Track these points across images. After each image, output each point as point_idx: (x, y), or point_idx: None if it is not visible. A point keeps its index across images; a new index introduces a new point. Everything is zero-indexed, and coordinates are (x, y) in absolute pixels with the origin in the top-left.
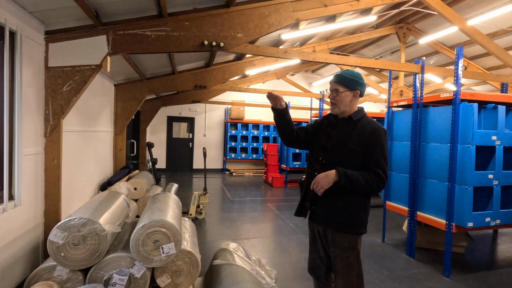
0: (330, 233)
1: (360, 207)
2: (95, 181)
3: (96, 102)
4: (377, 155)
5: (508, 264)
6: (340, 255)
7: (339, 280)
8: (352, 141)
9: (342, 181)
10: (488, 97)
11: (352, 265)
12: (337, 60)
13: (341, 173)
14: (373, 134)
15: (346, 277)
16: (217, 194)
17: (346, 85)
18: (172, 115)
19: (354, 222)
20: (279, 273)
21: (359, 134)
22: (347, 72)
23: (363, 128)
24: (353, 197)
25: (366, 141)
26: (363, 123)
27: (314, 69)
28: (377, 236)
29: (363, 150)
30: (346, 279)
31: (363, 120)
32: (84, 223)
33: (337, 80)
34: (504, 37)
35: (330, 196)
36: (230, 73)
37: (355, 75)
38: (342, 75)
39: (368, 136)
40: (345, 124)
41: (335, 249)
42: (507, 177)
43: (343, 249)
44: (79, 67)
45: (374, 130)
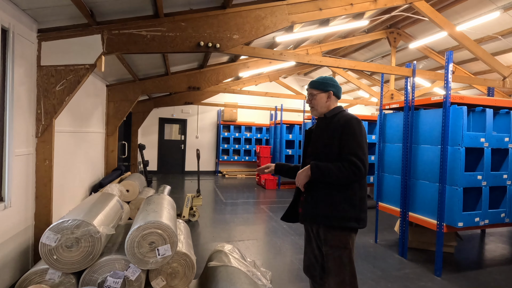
0: (322, 231)
1: (345, 199)
2: (86, 182)
3: (88, 103)
4: (349, 143)
5: (495, 263)
6: (332, 254)
7: (331, 278)
8: (326, 135)
9: (314, 173)
10: (477, 100)
11: (344, 263)
12: (331, 63)
13: (313, 166)
14: (345, 124)
15: (339, 275)
16: (209, 196)
17: (319, 88)
18: (164, 117)
19: (340, 215)
20: (274, 274)
21: (332, 128)
22: (319, 78)
23: (336, 122)
24: (335, 190)
25: (339, 132)
26: (337, 118)
27: (306, 72)
28: (369, 236)
29: (337, 142)
30: (339, 277)
31: (338, 115)
32: (78, 225)
33: (311, 85)
34: (490, 43)
35: (313, 192)
36: (224, 74)
37: (326, 78)
38: (314, 80)
39: (341, 127)
40: (321, 123)
41: (327, 248)
42: (494, 178)
43: (335, 247)
44: (72, 66)
45: (346, 121)
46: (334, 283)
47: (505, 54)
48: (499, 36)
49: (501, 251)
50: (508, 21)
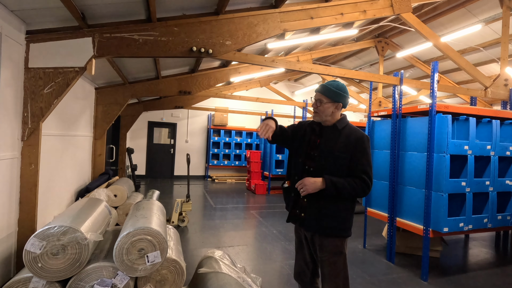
0: (318, 238)
1: (347, 210)
2: (72, 187)
3: (76, 105)
4: (362, 162)
5: (479, 267)
6: (328, 260)
7: (326, 284)
8: (338, 149)
9: (329, 189)
10: (461, 109)
11: (340, 269)
12: (321, 70)
13: (328, 181)
14: (358, 142)
15: (334, 281)
16: (199, 201)
17: (330, 97)
18: (153, 120)
19: (342, 226)
20: (264, 280)
21: (344, 141)
22: (333, 84)
23: (348, 136)
24: (341, 202)
25: (351, 148)
26: (347, 131)
27: (296, 78)
28: (358, 242)
29: (349, 157)
30: (334, 283)
31: (347, 128)
32: (65, 232)
33: (322, 91)
34: (472, 54)
35: (320, 204)
36: (216, 79)
37: (340, 87)
38: (328, 87)
39: (354, 143)
40: (330, 133)
41: (323, 254)
42: (478, 185)
43: (331, 253)
44: (61, 69)
45: (358, 138)
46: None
47: (486, 65)
48: (481, 47)
49: (484, 256)
50: (489, 33)
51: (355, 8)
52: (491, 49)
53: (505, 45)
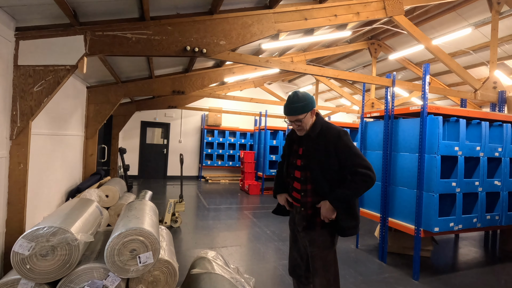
0: (308, 233)
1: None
2: (63, 188)
3: (67, 104)
4: (350, 157)
5: (468, 266)
6: (318, 255)
7: (317, 279)
8: (319, 153)
9: (336, 206)
10: (451, 111)
11: (330, 263)
12: (315, 71)
13: (332, 201)
14: (337, 141)
15: (324, 275)
16: (192, 201)
17: (303, 111)
18: (146, 120)
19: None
20: (257, 280)
21: (323, 144)
22: (298, 100)
23: (324, 138)
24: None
25: (333, 148)
26: (322, 134)
27: (290, 79)
28: (351, 242)
29: (334, 156)
30: (324, 277)
31: (321, 131)
32: (54, 232)
33: (294, 112)
34: (463, 57)
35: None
36: (209, 79)
37: (305, 98)
38: (296, 106)
39: (333, 143)
40: (309, 141)
41: (314, 249)
42: (467, 185)
43: (322, 248)
44: (52, 67)
45: (335, 137)
46: (320, 284)
47: (476, 68)
48: (471, 51)
49: (474, 255)
50: (478, 37)
51: (349, 10)
52: (481, 52)
53: (494, 48)
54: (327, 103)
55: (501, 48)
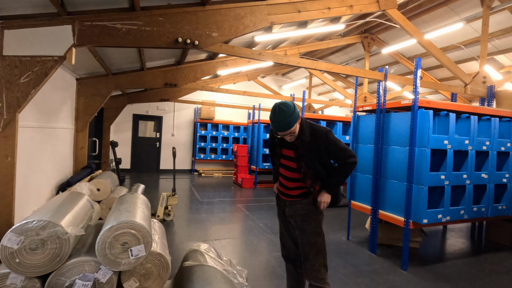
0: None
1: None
2: (53, 181)
3: (56, 96)
4: (339, 152)
5: (455, 256)
6: (309, 241)
7: (308, 263)
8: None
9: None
10: (442, 105)
11: (319, 248)
12: (308, 64)
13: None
14: (325, 143)
15: (315, 259)
16: (185, 195)
17: (295, 123)
18: (138, 113)
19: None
20: (250, 272)
21: (316, 148)
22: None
23: (315, 141)
24: None
25: (324, 148)
26: (313, 137)
27: (284, 73)
28: (342, 234)
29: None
30: (315, 261)
31: (311, 133)
32: (44, 226)
33: (287, 129)
34: (454, 51)
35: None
36: (202, 72)
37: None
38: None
39: (324, 145)
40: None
41: (304, 237)
42: (456, 178)
43: (312, 235)
44: (39, 57)
45: (324, 139)
46: (311, 267)
47: (467, 63)
48: (462, 45)
49: (460, 246)
50: (470, 32)
51: (342, 3)
52: (472, 47)
53: (485, 43)
54: (321, 97)
55: (491, 43)
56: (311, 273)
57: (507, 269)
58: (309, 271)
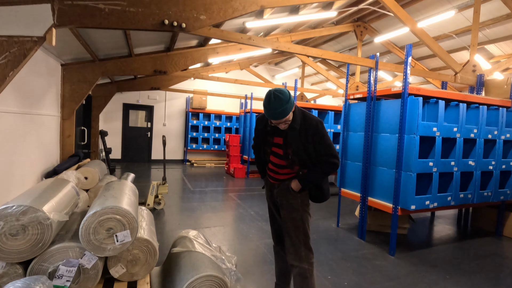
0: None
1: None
2: (38, 169)
3: (39, 82)
4: (324, 148)
5: (442, 242)
6: (289, 216)
7: (288, 238)
8: (302, 143)
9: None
10: (431, 92)
11: (299, 224)
12: (299, 50)
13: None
14: (314, 132)
15: (295, 234)
16: (177, 184)
17: (290, 111)
18: (128, 103)
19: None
20: (239, 258)
21: (304, 134)
22: (281, 103)
23: (305, 129)
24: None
25: (311, 137)
26: (303, 125)
27: (277, 62)
28: (332, 221)
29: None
30: (295, 235)
31: (302, 121)
32: (24, 211)
33: (282, 117)
34: (446, 41)
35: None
36: (193, 59)
37: (287, 98)
38: (282, 110)
39: (312, 133)
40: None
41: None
42: (444, 165)
43: (291, 210)
44: (17, 37)
45: (313, 128)
46: (290, 243)
47: (458, 52)
48: (454, 34)
49: (447, 232)
50: (462, 20)
51: None
52: (463, 36)
53: (476, 31)
54: (314, 87)
55: (482, 32)
56: (290, 251)
57: (490, 253)
58: (289, 249)
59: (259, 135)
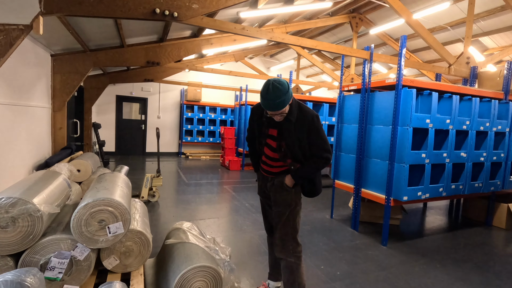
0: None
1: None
2: (30, 162)
3: (28, 73)
4: (317, 142)
5: (433, 232)
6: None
7: (277, 232)
8: (296, 135)
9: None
10: (425, 84)
11: (289, 219)
12: (293, 41)
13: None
14: (310, 125)
15: (284, 229)
16: (172, 177)
17: (287, 103)
18: (122, 95)
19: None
20: (233, 250)
21: (299, 126)
22: (280, 94)
23: (301, 122)
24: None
25: (306, 130)
26: (299, 118)
27: (272, 54)
28: (326, 212)
29: (307, 138)
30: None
31: (299, 114)
32: (14, 203)
33: (279, 108)
34: (440, 33)
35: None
36: (186, 50)
37: (285, 89)
38: (280, 102)
39: (307, 126)
40: (289, 126)
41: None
42: (436, 156)
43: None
44: (2, 26)
45: (309, 122)
46: (279, 237)
47: (452, 45)
48: (448, 26)
49: (439, 222)
50: (456, 12)
51: None
52: (458, 28)
53: (470, 23)
54: (309, 79)
55: (477, 24)
56: (278, 244)
57: (480, 242)
58: (277, 243)
59: (254, 125)
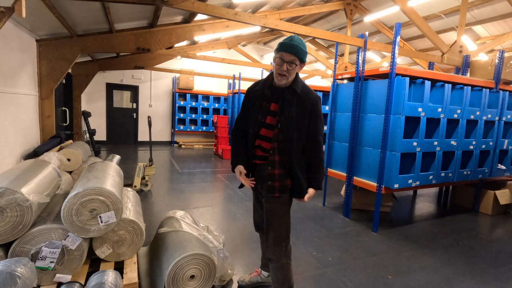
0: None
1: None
2: (17, 151)
3: (12, 59)
4: (318, 126)
5: (422, 219)
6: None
7: (271, 231)
8: (297, 114)
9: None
10: (418, 72)
11: (283, 219)
12: (287, 28)
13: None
14: (313, 106)
15: (278, 229)
16: (164, 166)
17: (302, 59)
18: (112, 82)
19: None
20: (227, 237)
21: (302, 105)
22: (302, 44)
23: (304, 100)
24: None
25: (308, 113)
26: (303, 94)
27: (266, 41)
28: (318, 200)
29: (308, 119)
30: (278, 231)
31: (303, 90)
32: (1, 193)
33: (295, 52)
34: (434, 21)
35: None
36: (177, 36)
37: (305, 46)
38: (300, 47)
39: (310, 108)
40: (290, 97)
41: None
42: (427, 145)
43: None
44: None
45: (313, 102)
46: (273, 237)
47: (446, 33)
48: (442, 15)
49: (428, 209)
50: (450, 0)
51: None
52: (452, 16)
53: (464, 11)
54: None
55: (470, 13)
56: (271, 245)
57: (467, 228)
58: (270, 243)
59: (252, 103)
